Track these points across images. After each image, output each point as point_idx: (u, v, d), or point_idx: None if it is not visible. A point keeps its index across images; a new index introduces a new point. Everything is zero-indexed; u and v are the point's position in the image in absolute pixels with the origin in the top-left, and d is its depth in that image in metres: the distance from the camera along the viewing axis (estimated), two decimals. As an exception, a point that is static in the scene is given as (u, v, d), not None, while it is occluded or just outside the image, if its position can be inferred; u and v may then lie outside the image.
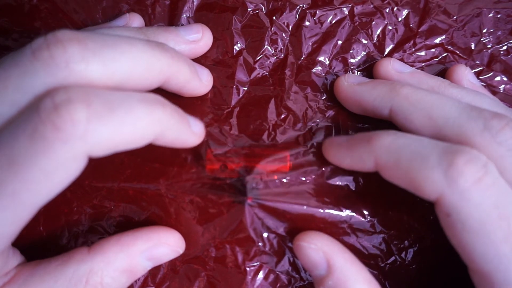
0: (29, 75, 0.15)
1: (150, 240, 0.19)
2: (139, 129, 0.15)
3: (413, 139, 0.17)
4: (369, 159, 0.18)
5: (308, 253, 0.19)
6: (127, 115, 0.15)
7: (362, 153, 0.18)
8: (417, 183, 0.16)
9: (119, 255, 0.18)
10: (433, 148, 0.16)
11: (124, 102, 0.15)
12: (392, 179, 0.17)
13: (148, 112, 0.15)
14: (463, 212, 0.15)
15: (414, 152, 0.16)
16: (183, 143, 0.18)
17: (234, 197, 0.20)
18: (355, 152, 0.18)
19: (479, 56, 0.24)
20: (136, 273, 0.19)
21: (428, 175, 0.16)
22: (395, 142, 0.17)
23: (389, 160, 0.17)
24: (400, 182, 0.17)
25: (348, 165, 0.19)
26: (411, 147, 0.17)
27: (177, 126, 0.17)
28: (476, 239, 0.15)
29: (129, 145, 0.15)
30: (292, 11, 0.23)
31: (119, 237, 0.19)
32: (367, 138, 0.18)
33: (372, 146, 0.17)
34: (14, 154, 0.14)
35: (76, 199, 0.20)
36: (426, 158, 0.16)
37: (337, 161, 0.19)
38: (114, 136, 0.15)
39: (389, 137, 0.17)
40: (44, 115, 0.14)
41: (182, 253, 0.20)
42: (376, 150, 0.17)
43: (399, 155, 0.17)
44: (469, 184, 0.15)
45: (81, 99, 0.14)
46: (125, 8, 0.23)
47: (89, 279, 0.18)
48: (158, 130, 0.16)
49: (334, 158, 0.20)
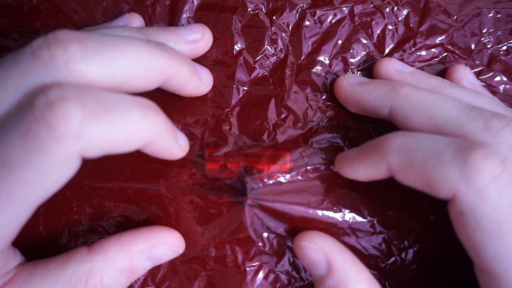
0: (30, 75, 0.15)
1: (150, 240, 0.19)
2: (133, 132, 0.15)
3: (424, 137, 0.16)
4: (382, 164, 0.17)
5: (308, 253, 0.18)
6: (122, 117, 0.15)
7: (375, 159, 0.17)
8: (432, 182, 0.16)
9: (119, 255, 0.18)
10: (447, 145, 0.16)
11: (119, 103, 0.15)
12: (407, 181, 0.17)
13: (143, 116, 0.15)
14: (478, 211, 0.15)
15: (427, 150, 0.16)
16: (168, 154, 0.18)
17: (234, 197, 0.20)
18: (367, 160, 0.18)
19: (479, 56, 0.24)
20: (135, 273, 0.19)
21: (443, 173, 0.15)
22: (406, 142, 0.17)
23: (402, 161, 0.16)
24: (415, 184, 0.16)
25: (363, 175, 0.18)
26: (423, 145, 0.16)
27: (167, 135, 0.17)
28: (490, 239, 0.15)
29: (121, 148, 0.15)
30: (292, 11, 0.23)
31: (118, 237, 0.19)
32: (377, 143, 0.17)
33: (383, 149, 0.17)
34: (8, 154, 0.14)
35: (76, 199, 0.20)
36: (440, 156, 0.15)
37: (352, 174, 0.19)
38: (108, 137, 0.14)
39: (399, 138, 0.17)
40: (38, 112, 0.14)
41: (182, 253, 0.20)
42: (387, 153, 0.17)
43: (411, 155, 0.16)
44: (486, 182, 0.15)
45: (76, 97, 0.14)
46: (125, 8, 0.23)
47: (88, 279, 0.18)
48: (150, 136, 0.16)
49: (348, 171, 0.19)
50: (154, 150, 0.17)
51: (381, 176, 0.18)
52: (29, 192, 0.14)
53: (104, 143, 0.15)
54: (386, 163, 0.17)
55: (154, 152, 0.17)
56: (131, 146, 0.16)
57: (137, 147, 0.16)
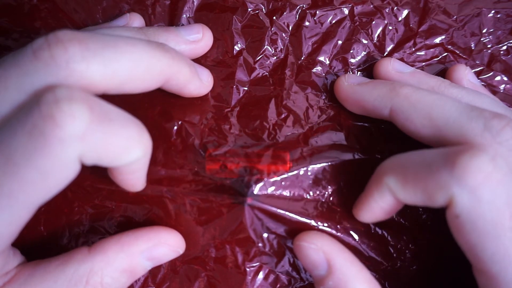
0: (30, 75, 0.15)
1: (150, 240, 0.19)
2: (128, 146, 0.15)
3: (413, 153, 0.17)
4: (385, 191, 0.17)
5: (308, 253, 0.18)
6: (122, 129, 0.15)
7: (378, 189, 0.18)
8: (429, 191, 0.16)
9: (119, 255, 0.18)
10: (436, 154, 0.16)
11: (119, 116, 0.15)
12: (409, 200, 0.17)
13: (139, 133, 0.16)
14: (473, 212, 0.15)
15: (418, 163, 0.16)
16: (135, 182, 0.19)
17: (234, 198, 0.20)
18: (374, 194, 0.18)
19: (479, 56, 0.24)
20: (136, 273, 0.19)
21: (436, 179, 0.15)
22: (397, 161, 0.17)
23: (398, 180, 0.17)
24: (417, 199, 0.17)
25: (379, 212, 0.18)
26: (413, 159, 0.17)
27: (147, 161, 0.17)
28: (486, 240, 0.15)
29: (112, 160, 0.15)
30: (292, 11, 0.23)
31: (119, 237, 0.19)
32: (374, 173, 0.18)
33: (380, 175, 0.18)
34: (12, 151, 0.14)
35: (77, 199, 0.20)
36: (430, 165, 0.16)
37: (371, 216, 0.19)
38: (106, 146, 0.15)
39: (390, 160, 0.18)
40: (45, 109, 0.14)
41: (182, 253, 0.20)
42: (384, 177, 0.17)
43: (404, 171, 0.17)
44: (478, 181, 0.15)
45: (84, 99, 0.14)
46: (125, 8, 0.23)
47: (89, 279, 0.18)
48: (141, 154, 0.16)
49: (366, 215, 0.19)
50: (129, 172, 0.17)
51: (392, 206, 0.18)
52: (30, 193, 0.14)
53: (102, 151, 0.15)
54: (387, 188, 0.17)
55: (126, 174, 0.17)
56: (122, 159, 0.16)
57: (126, 162, 0.16)
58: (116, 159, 0.15)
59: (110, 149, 0.15)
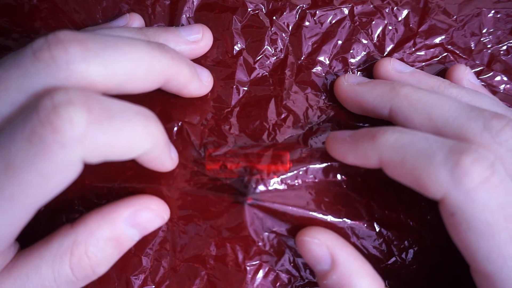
0: (30, 75, 0.15)
1: (132, 206, 0.19)
2: (134, 141, 0.15)
3: (419, 137, 0.17)
4: (373, 156, 0.17)
5: (311, 248, 0.18)
6: (125, 125, 0.15)
7: (366, 150, 0.17)
8: (422, 182, 0.16)
9: (101, 224, 0.18)
10: (440, 147, 0.16)
11: (122, 111, 0.15)
12: (396, 177, 0.17)
13: (144, 125, 0.16)
14: (468, 212, 0.15)
15: (420, 150, 0.16)
16: (161, 165, 0.19)
17: (234, 197, 0.20)
18: (359, 148, 0.18)
19: (479, 56, 0.24)
20: (122, 242, 0.19)
21: (434, 174, 0.15)
22: (401, 140, 0.17)
23: (394, 158, 0.16)
24: (404, 180, 0.17)
25: (351, 161, 0.18)
26: (417, 145, 0.16)
27: (163, 146, 0.17)
28: (481, 240, 0.15)
29: (121, 155, 0.15)
30: (292, 11, 0.23)
31: (100, 208, 0.19)
32: (371, 134, 0.17)
33: (377, 143, 0.17)
34: (12, 156, 0.14)
35: (77, 198, 0.20)
36: (432, 157, 0.16)
37: (340, 156, 0.19)
38: (110, 144, 0.15)
39: (394, 134, 0.17)
40: (43, 115, 0.14)
41: (167, 220, 0.20)
42: (381, 147, 0.17)
43: (404, 153, 0.16)
44: (475, 184, 0.15)
45: (82, 101, 0.14)
46: (125, 8, 0.23)
47: (73, 250, 0.17)
48: (149, 145, 0.16)
49: (337, 153, 0.19)
50: (149, 160, 0.17)
51: (370, 165, 0.18)
52: (31, 195, 0.14)
53: (106, 149, 0.15)
54: (378, 156, 0.17)
55: (148, 162, 0.18)
56: (130, 154, 0.16)
57: (136, 155, 0.16)
58: (124, 154, 0.15)
59: (115, 146, 0.15)
